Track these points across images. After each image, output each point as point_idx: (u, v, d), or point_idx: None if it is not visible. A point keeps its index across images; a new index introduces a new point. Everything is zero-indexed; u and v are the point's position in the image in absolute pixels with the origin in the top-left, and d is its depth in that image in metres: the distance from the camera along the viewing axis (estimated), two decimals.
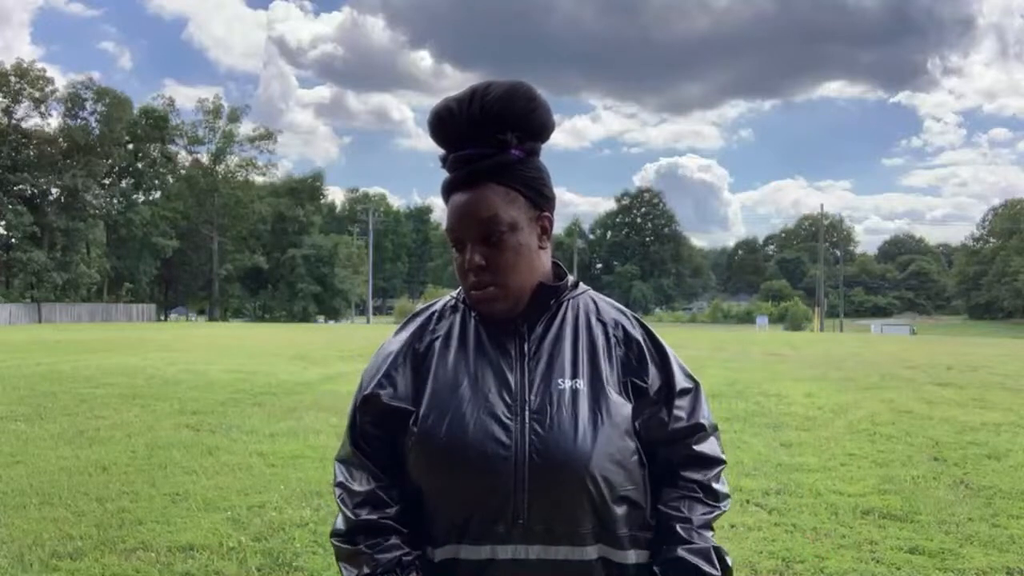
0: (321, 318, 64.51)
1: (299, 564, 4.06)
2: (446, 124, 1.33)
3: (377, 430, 1.37)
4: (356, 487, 1.35)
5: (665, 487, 1.36)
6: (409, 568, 1.27)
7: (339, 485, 1.38)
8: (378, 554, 1.28)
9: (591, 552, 1.27)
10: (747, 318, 79.73)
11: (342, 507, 1.35)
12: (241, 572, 3.97)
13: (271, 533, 4.53)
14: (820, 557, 4.20)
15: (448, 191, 1.35)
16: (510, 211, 1.30)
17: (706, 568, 1.29)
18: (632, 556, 1.31)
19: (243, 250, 63.92)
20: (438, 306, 1.45)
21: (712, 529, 1.35)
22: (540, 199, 1.35)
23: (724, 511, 1.38)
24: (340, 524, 1.35)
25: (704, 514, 1.34)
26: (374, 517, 1.31)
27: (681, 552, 1.29)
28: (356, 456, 1.38)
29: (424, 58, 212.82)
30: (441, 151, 1.37)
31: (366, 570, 1.28)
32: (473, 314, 1.39)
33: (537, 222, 1.35)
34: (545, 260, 1.37)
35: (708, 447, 1.40)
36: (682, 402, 1.38)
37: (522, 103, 1.32)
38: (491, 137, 1.30)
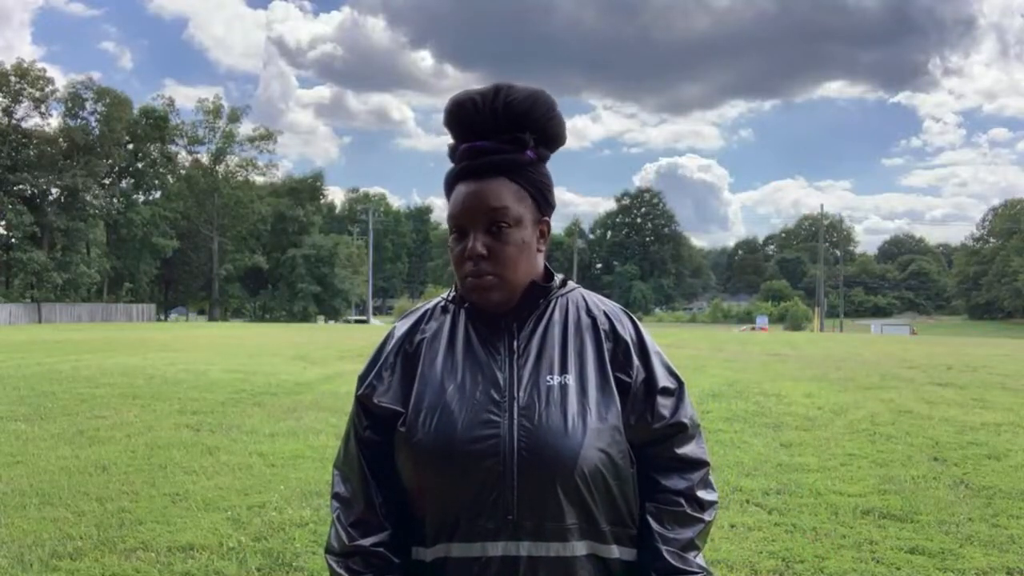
0: (321, 318, 64.53)
1: (299, 564, 4.06)
2: (469, 114, 1.33)
3: (375, 435, 1.36)
4: (353, 504, 1.36)
5: (649, 498, 1.36)
6: None
7: (336, 497, 1.38)
8: None
9: (580, 548, 1.27)
10: (747, 318, 79.76)
11: (337, 524, 1.35)
12: (241, 572, 3.97)
13: (271, 533, 4.53)
14: (820, 557, 4.19)
15: (456, 180, 1.34)
16: (518, 207, 1.31)
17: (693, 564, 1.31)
18: (618, 552, 1.31)
19: (243, 250, 63.92)
20: (428, 306, 1.45)
21: (698, 548, 1.35)
22: (545, 204, 1.37)
23: (709, 522, 1.37)
24: (334, 542, 1.35)
25: (690, 531, 1.34)
26: (368, 544, 1.32)
27: None
28: (353, 466, 1.38)
29: (425, 58, 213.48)
30: (451, 142, 1.38)
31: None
32: (463, 314, 1.38)
33: (538, 225, 1.36)
34: (540, 263, 1.38)
35: (691, 449, 1.39)
36: (665, 400, 1.37)
37: (543, 110, 1.34)
38: (510, 134, 1.32)
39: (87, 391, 10.36)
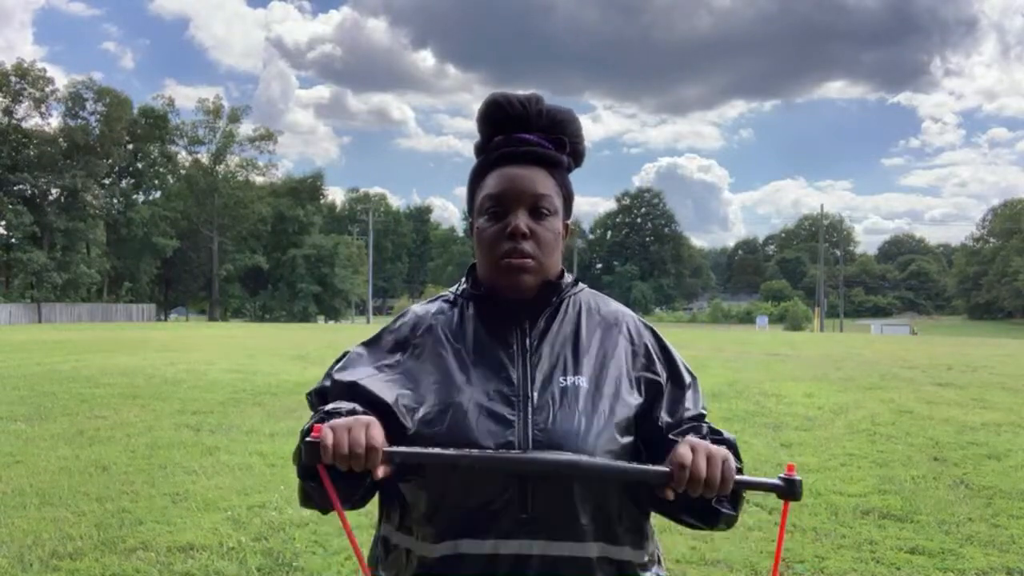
0: (321, 318, 64.51)
1: (299, 564, 4.06)
2: (516, 109, 1.37)
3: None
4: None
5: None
6: (364, 415, 1.23)
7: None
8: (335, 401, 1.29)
9: (592, 549, 1.27)
10: (747, 318, 79.77)
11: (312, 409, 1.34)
12: (241, 572, 3.97)
13: (271, 533, 4.53)
14: (820, 557, 4.20)
15: (495, 165, 1.36)
16: (556, 200, 1.36)
17: (724, 435, 1.33)
18: (631, 554, 1.32)
19: (243, 250, 63.87)
20: (436, 303, 1.45)
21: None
22: (569, 209, 1.42)
23: (732, 442, 1.37)
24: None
25: (713, 435, 1.35)
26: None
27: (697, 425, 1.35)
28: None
29: (426, 58, 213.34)
30: (479, 139, 1.40)
31: (321, 408, 1.28)
32: (472, 308, 1.39)
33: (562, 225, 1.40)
34: (560, 261, 1.41)
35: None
36: (690, 395, 1.41)
37: (576, 127, 1.42)
38: (554, 136, 1.37)
39: (87, 391, 10.37)
